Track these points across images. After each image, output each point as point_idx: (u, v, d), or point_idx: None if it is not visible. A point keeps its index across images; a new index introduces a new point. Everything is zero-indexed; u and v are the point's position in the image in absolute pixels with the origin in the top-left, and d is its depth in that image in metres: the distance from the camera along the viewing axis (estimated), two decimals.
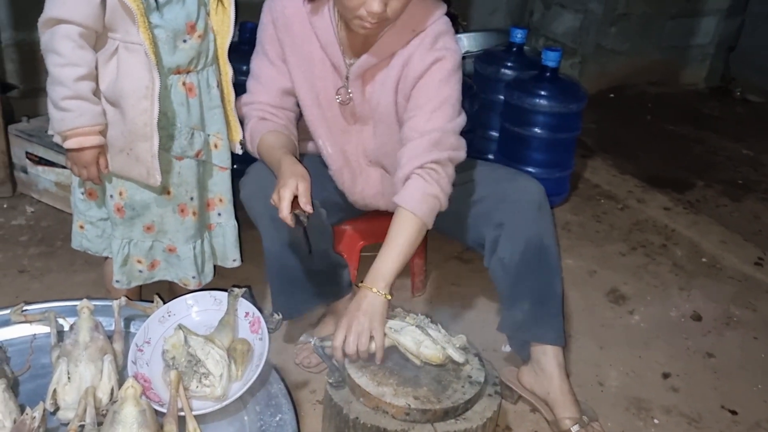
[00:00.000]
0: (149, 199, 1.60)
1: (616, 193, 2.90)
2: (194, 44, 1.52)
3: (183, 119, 1.57)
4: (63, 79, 1.42)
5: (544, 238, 1.63)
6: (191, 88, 1.56)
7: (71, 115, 1.44)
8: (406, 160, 1.50)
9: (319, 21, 1.55)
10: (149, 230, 1.65)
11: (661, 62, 4.03)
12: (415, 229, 1.48)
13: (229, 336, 1.52)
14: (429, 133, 1.50)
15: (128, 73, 1.46)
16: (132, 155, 1.52)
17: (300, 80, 1.61)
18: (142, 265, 1.68)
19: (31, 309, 1.66)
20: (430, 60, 1.52)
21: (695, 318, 2.17)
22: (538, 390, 1.68)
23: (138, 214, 1.62)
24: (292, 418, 1.44)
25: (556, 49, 2.55)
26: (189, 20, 1.50)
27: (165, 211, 1.63)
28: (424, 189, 1.49)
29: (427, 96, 1.52)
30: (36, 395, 1.41)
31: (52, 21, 1.41)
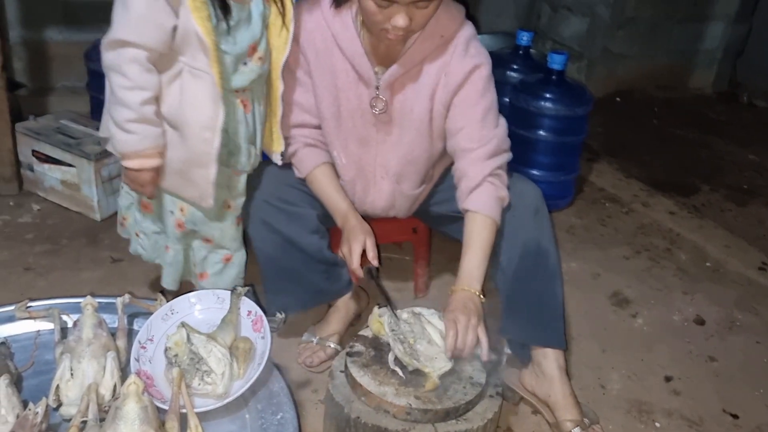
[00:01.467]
0: (210, 215, 1.61)
1: (621, 196, 2.90)
2: (254, 67, 1.51)
3: (242, 135, 1.56)
4: (129, 102, 1.39)
5: (542, 242, 1.63)
6: (246, 104, 1.54)
7: (135, 137, 1.43)
8: (473, 171, 1.58)
9: (342, 32, 1.56)
10: (207, 242, 1.66)
11: (669, 66, 4.03)
12: (492, 231, 1.57)
13: (232, 334, 1.52)
14: (486, 142, 1.58)
15: (193, 102, 1.44)
16: (186, 178, 1.52)
17: (323, 93, 1.62)
18: (196, 270, 1.71)
19: (35, 306, 1.67)
20: (468, 68, 1.56)
21: (698, 322, 2.17)
22: (540, 392, 1.69)
23: (198, 228, 1.63)
24: (293, 417, 1.44)
25: (563, 53, 2.55)
26: (252, 42, 1.48)
27: (225, 224, 1.64)
28: (495, 194, 1.58)
29: (473, 106, 1.58)
30: (39, 391, 1.42)
31: (119, 42, 1.36)
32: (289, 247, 1.67)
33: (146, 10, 1.35)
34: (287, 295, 1.73)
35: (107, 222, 2.34)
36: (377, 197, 1.72)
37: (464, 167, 1.59)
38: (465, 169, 1.59)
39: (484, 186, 1.57)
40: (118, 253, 2.19)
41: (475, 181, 1.57)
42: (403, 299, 1.83)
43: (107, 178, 2.32)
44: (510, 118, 2.63)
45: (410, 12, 1.40)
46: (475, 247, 1.55)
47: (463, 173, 1.60)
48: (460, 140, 1.59)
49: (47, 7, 2.94)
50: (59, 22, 2.98)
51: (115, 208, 2.37)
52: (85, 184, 2.30)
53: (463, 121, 1.59)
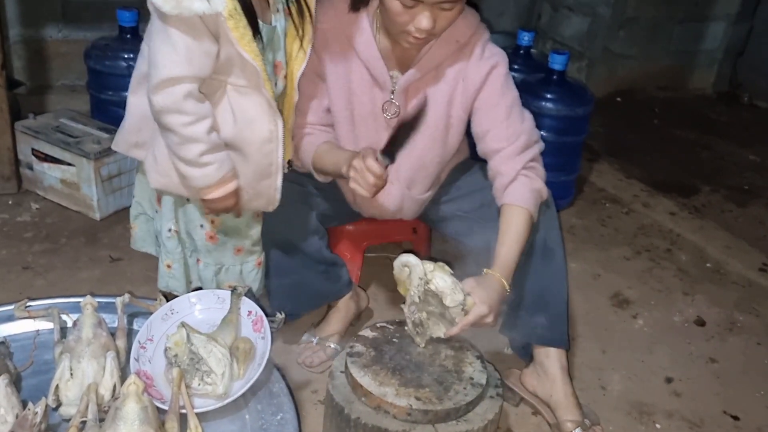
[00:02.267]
0: (240, 223, 1.60)
1: (621, 197, 2.89)
2: (281, 85, 1.49)
3: None
4: (197, 136, 1.35)
5: (548, 240, 1.63)
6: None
7: (213, 168, 1.39)
8: (506, 168, 1.57)
9: (358, 35, 1.55)
10: (239, 252, 1.63)
11: (669, 67, 4.02)
12: (528, 223, 1.55)
13: (232, 334, 1.52)
14: (515, 139, 1.57)
15: (248, 120, 1.41)
16: (252, 191, 1.50)
17: (337, 96, 1.61)
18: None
19: (34, 305, 1.67)
20: (485, 69, 1.56)
21: (699, 323, 2.16)
22: (541, 392, 1.68)
23: (230, 238, 1.61)
24: (293, 417, 1.44)
25: (563, 53, 2.55)
26: (276, 60, 1.46)
27: (255, 230, 1.63)
28: (531, 186, 1.56)
29: (495, 106, 1.58)
30: (38, 391, 1.42)
31: (171, 81, 1.31)
32: (289, 248, 1.67)
33: (192, 42, 1.30)
34: (288, 297, 1.73)
35: (106, 221, 2.33)
36: (386, 201, 1.72)
37: (497, 166, 1.59)
38: (498, 167, 1.59)
39: (519, 180, 1.56)
40: (117, 252, 2.18)
41: (509, 177, 1.56)
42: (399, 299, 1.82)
43: (107, 177, 2.31)
44: None
45: (434, 13, 1.40)
46: (511, 237, 1.53)
47: (496, 172, 1.59)
48: (489, 142, 1.59)
49: (47, 6, 2.94)
50: (59, 21, 2.97)
51: (114, 207, 2.37)
52: (84, 183, 2.30)
53: (489, 122, 1.59)
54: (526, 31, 2.82)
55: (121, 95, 2.44)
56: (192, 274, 1.68)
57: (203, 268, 1.65)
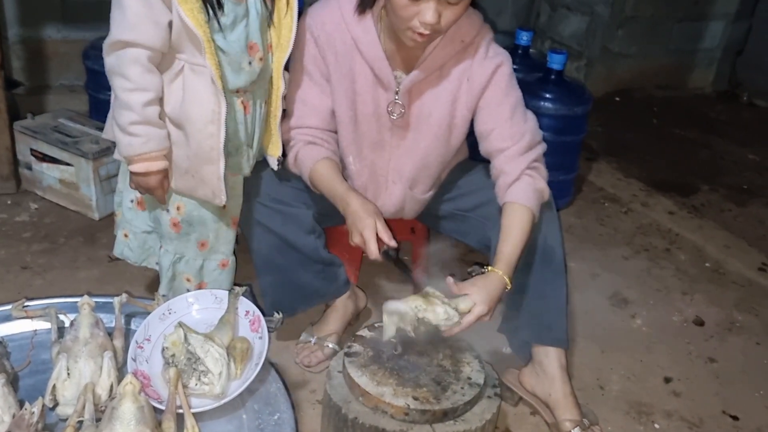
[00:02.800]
0: (206, 215, 1.59)
1: (620, 196, 2.89)
2: (256, 67, 1.49)
3: (241, 137, 1.55)
4: (131, 104, 1.39)
5: (549, 239, 1.62)
6: (247, 105, 1.53)
7: (139, 140, 1.42)
8: (510, 167, 1.57)
9: (363, 35, 1.54)
10: (203, 247, 1.63)
11: (668, 66, 4.02)
12: (530, 221, 1.55)
13: (229, 334, 1.52)
14: (519, 139, 1.58)
15: (194, 98, 1.43)
16: (197, 177, 1.50)
17: (340, 97, 1.60)
18: (191, 284, 1.67)
19: (32, 305, 1.67)
20: (491, 69, 1.56)
21: (698, 323, 2.16)
22: (540, 392, 1.68)
23: (194, 229, 1.60)
24: (290, 417, 1.44)
25: (562, 52, 2.54)
26: (249, 41, 1.46)
27: (220, 225, 1.62)
28: (534, 186, 1.57)
29: (499, 105, 1.58)
30: (35, 391, 1.41)
31: (120, 44, 1.36)
32: (285, 247, 1.66)
33: (141, 8, 1.35)
34: (284, 297, 1.72)
35: (105, 221, 2.33)
36: (388, 201, 1.72)
37: (501, 165, 1.59)
38: (501, 166, 1.59)
39: (522, 179, 1.57)
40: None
41: (512, 176, 1.57)
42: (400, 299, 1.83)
43: (105, 177, 2.31)
44: None
45: (440, 8, 1.39)
46: (514, 235, 1.53)
47: (500, 171, 1.59)
48: (493, 141, 1.59)
49: (46, 6, 2.93)
50: (57, 21, 2.97)
51: (113, 207, 2.36)
52: (83, 183, 2.30)
53: (493, 122, 1.59)
54: (524, 31, 2.81)
55: None
56: (151, 256, 1.69)
57: (163, 254, 1.65)
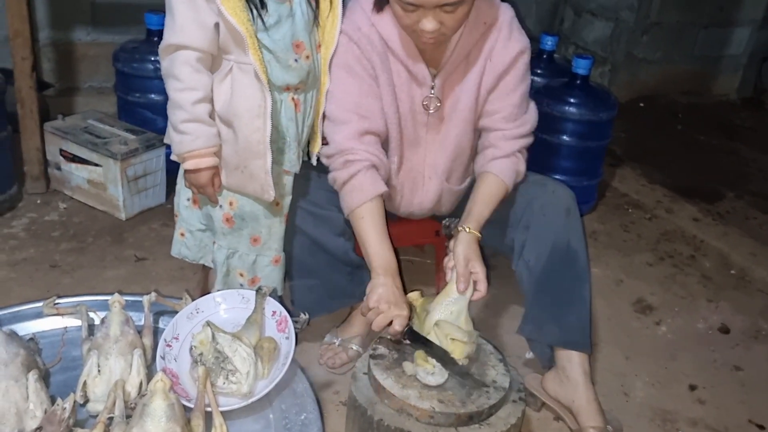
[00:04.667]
0: (259, 211, 1.60)
1: (644, 202, 2.87)
2: (303, 65, 1.52)
3: (292, 134, 1.56)
4: (182, 103, 1.45)
5: (572, 242, 1.62)
6: (298, 103, 1.55)
7: (189, 138, 1.47)
8: (503, 145, 1.64)
9: (392, 34, 1.55)
10: (255, 242, 1.64)
11: (693, 72, 3.99)
12: (503, 196, 1.63)
13: (256, 334, 1.53)
14: (521, 125, 1.65)
15: (241, 94, 1.47)
16: (246, 172, 1.52)
17: (388, 98, 1.60)
18: (244, 279, 1.68)
19: (63, 302, 1.69)
20: (513, 52, 1.59)
21: (723, 330, 2.14)
22: (563, 397, 1.67)
23: (246, 224, 1.62)
24: (317, 418, 1.45)
25: (587, 57, 2.54)
26: (295, 39, 1.49)
27: (273, 222, 1.63)
28: (516, 167, 1.65)
29: (512, 91, 1.62)
30: (66, 387, 1.44)
31: (171, 48, 1.43)
32: (315, 249, 1.67)
33: (188, 12, 1.41)
34: (312, 298, 1.73)
35: (132, 221, 2.36)
36: (425, 198, 1.73)
37: (494, 140, 1.65)
38: (496, 142, 1.65)
39: (510, 158, 1.64)
40: (142, 251, 2.21)
41: (502, 152, 1.63)
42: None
43: (133, 178, 2.34)
44: None
45: (438, 16, 1.40)
46: (486, 200, 1.61)
47: (491, 144, 1.65)
48: (496, 121, 1.64)
49: (75, 9, 2.98)
50: (87, 24, 3.02)
51: (140, 207, 2.40)
52: (111, 183, 2.33)
53: (501, 104, 1.63)
54: (549, 36, 2.81)
55: (148, 97, 2.50)
56: (207, 254, 1.71)
57: (216, 249, 1.66)
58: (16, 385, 1.34)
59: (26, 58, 2.28)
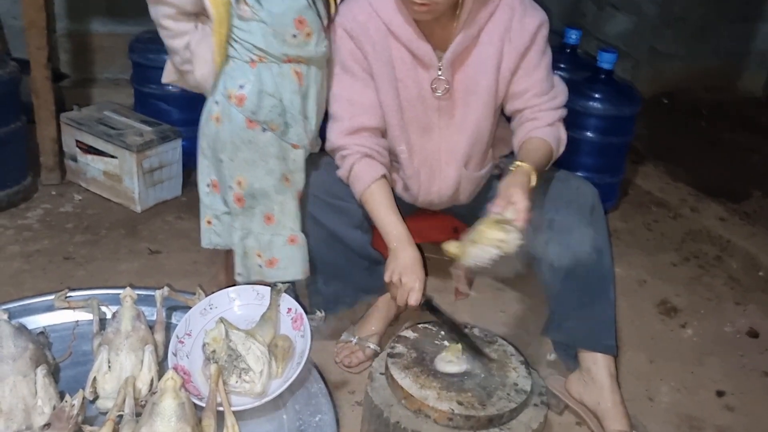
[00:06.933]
0: (268, 187, 1.58)
1: (668, 201, 2.80)
2: (302, 41, 1.50)
3: (297, 107, 1.55)
4: (176, 49, 1.56)
5: (597, 241, 1.57)
6: (300, 75, 1.53)
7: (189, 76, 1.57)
8: (542, 116, 1.60)
9: (394, 18, 1.52)
10: (269, 221, 1.61)
11: (718, 68, 3.90)
12: (550, 157, 1.60)
13: (271, 332, 1.49)
14: (554, 97, 1.62)
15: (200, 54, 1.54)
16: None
17: (384, 87, 1.57)
18: (261, 260, 1.64)
19: (74, 295, 1.67)
20: (532, 28, 1.56)
21: (752, 334, 2.08)
22: (588, 400, 1.62)
23: (258, 202, 1.59)
24: (332, 419, 1.41)
25: (612, 51, 2.47)
26: (296, 15, 1.47)
27: (285, 198, 1.60)
28: (559, 134, 1.63)
29: (537, 67, 1.59)
30: (76, 382, 1.41)
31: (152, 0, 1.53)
32: (333, 241, 1.64)
33: None
34: (329, 292, 1.70)
35: (146, 213, 2.33)
36: (443, 186, 1.68)
37: (531, 114, 1.61)
38: (533, 115, 1.61)
39: (553, 126, 1.61)
40: (156, 245, 2.18)
41: (543, 122, 1.60)
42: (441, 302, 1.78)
43: (148, 170, 2.31)
44: None
45: None
46: (538, 156, 1.54)
47: (529, 117, 1.61)
48: (528, 100, 1.61)
49: (92, 0, 2.96)
50: (103, 15, 3.00)
51: (155, 199, 2.38)
52: (126, 175, 2.30)
53: (528, 83, 1.59)
54: (573, 29, 2.75)
55: (164, 89, 2.47)
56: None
57: (233, 232, 1.64)
58: (24, 381, 1.31)
59: (41, 48, 2.26)
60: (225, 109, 1.53)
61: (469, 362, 1.48)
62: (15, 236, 2.16)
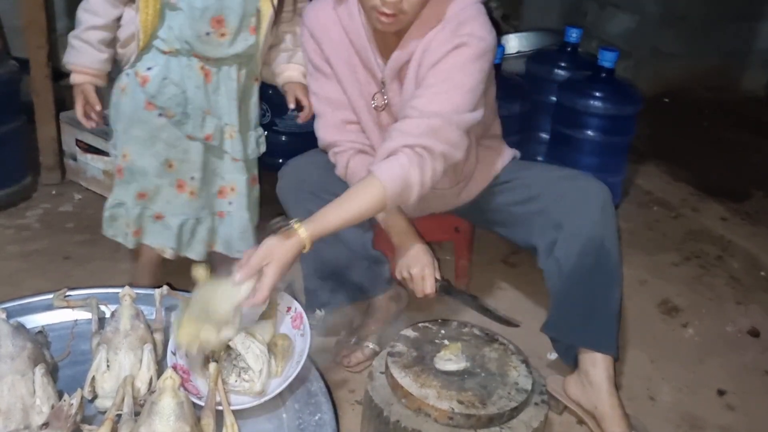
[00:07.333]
0: (149, 168, 1.64)
1: (669, 200, 2.80)
2: (215, 41, 1.53)
3: (198, 103, 1.60)
4: (81, 21, 1.59)
5: (606, 241, 1.55)
6: (208, 73, 1.58)
7: (73, 51, 1.61)
8: (398, 134, 1.39)
9: (350, 24, 1.51)
10: (141, 197, 1.68)
11: (720, 67, 3.89)
12: (375, 203, 1.37)
13: (270, 331, 1.48)
14: (430, 116, 1.37)
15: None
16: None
17: (349, 86, 1.56)
18: (129, 229, 1.72)
19: (73, 294, 1.66)
20: (449, 46, 1.39)
21: (753, 334, 2.07)
22: (585, 402, 1.61)
23: (135, 179, 1.66)
24: (331, 419, 1.40)
25: (613, 49, 2.46)
26: (218, 15, 1.50)
27: (163, 182, 1.66)
28: (405, 171, 1.36)
29: (436, 78, 1.40)
30: (75, 381, 1.40)
31: None
32: (332, 240, 1.62)
33: None
34: (327, 291, 1.69)
35: None
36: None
37: (392, 128, 1.42)
38: (391, 130, 1.42)
39: (399, 155, 1.37)
40: None
41: (392, 144, 1.38)
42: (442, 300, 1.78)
43: None
44: (556, 116, 2.62)
45: None
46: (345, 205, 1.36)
47: (388, 134, 1.43)
48: (406, 108, 1.42)
49: None
50: None
51: None
52: None
53: (420, 90, 1.41)
54: (574, 28, 2.74)
55: None
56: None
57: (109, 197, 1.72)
58: (22, 380, 1.30)
59: (41, 47, 2.26)
60: (131, 84, 1.60)
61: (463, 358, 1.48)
62: (14, 236, 2.16)
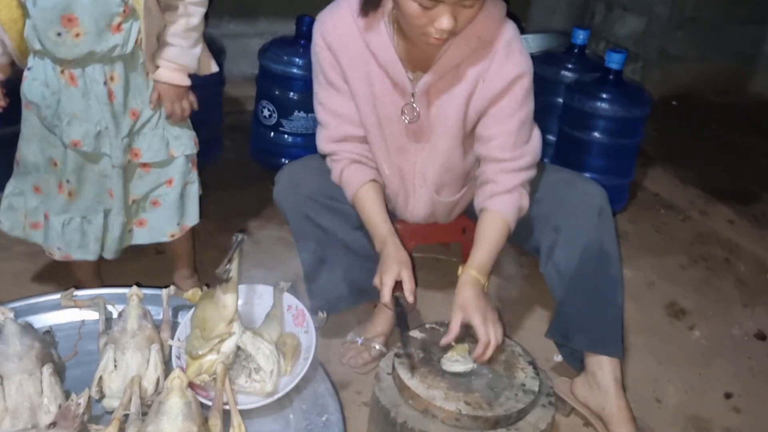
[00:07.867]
0: (38, 163, 1.64)
1: (677, 203, 2.79)
2: (69, 41, 1.46)
3: (64, 106, 1.55)
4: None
5: (604, 244, 1.56)
6: (73, 76, 1.52)
7: None
8: (503, 179, 1.52)
9: (374, 38, 1.49)
10: (37, 191, 1.68)
11: (729, 70, 3.87)
12: (507, 236, 1.54)
13: (278, 330, 1.49)
14: (520, 156, 1.52)
15: None
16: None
17: (362, 101, 1.55)
18: (26, 221, 1.72)
19: (81, 294, 1.67)
20: (510, 77, 1.47)
21: (759, 337, 2.06)
22: (592, 404, 1.61)
23: (28, 172, 1.67)
24: (339, 419, 1.40)
25: (621, 51, 2.46)
26: (68, 12, 1.42)
27: (50, 179, 1.65)
28: (519, 203, 1.54)
29: (509, 117, 1.50)
30: (82, 382, 1.40)
31: None
32: (333, 242, 1.63)
33: None
34: (330, 293, 1.69)
35: None
36: (416, 206, 1.67)
37: (492, 174, 1.53)
38: (494, 176, 1.53)
39: (512, 194, 1.53)
40: (162, 245, 2.17)
41: (503, 188, 1.53)
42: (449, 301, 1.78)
43: None
44: (563, 118, 2.62)
45: (455, 12, 1.32)
46: (491, 243, 1.51)
47: (489, 179, 1.54)
48: (492, 149, 1.52)
49: None
50: None
51: None
52: None
53: (497, 130, 1.51)
54: (581, 29, 2.73)
55: None
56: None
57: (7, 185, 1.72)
58: (30, 379, 1.31)
59: None
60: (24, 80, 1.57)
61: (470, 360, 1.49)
62: None
